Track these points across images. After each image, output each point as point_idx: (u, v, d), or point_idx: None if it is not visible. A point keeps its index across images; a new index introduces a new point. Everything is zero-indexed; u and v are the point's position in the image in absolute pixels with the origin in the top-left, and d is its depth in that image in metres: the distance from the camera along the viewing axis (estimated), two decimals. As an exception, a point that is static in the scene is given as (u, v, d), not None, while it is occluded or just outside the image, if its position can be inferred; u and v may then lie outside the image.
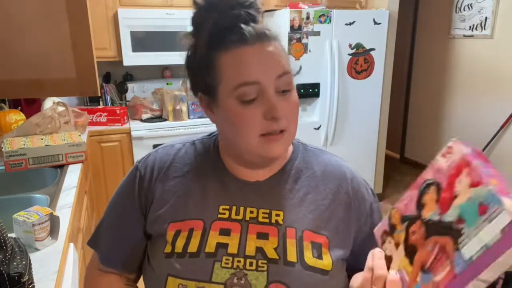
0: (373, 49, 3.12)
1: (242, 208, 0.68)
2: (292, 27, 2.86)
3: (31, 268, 0.88)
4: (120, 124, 2.83)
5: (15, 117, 2.14)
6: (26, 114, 2.23)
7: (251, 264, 0.63)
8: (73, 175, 1.71)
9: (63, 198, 1.47)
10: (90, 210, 2.18)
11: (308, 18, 2.88)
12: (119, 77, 3.26)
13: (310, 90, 3.07)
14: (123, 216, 0.74)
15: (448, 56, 3.92)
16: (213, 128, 0.76)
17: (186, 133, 2.93)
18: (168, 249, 0.65)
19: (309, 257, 0.64)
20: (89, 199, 2.22)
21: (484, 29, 3.49)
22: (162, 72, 3.36)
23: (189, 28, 0.66)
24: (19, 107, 2.35)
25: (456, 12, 3.77)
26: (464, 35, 3.71)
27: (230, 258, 0.63)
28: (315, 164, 0.73)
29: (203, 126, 2.96)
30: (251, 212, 0.67)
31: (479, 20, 3.54)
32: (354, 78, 3.13)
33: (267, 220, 0.66)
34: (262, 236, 0.65)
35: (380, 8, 3.18)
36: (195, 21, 0.64)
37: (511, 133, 3.38)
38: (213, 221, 0.66)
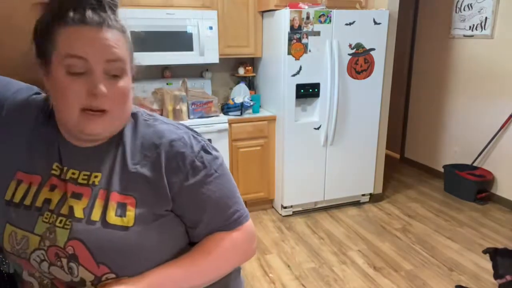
0: (373, 49, 3.13)
1: (69, 169, 0.74)
2: (292, 27, 2.86)
3: (31, 268, 0.87)
4: (120, 124, 2.82)
5: (15, 117, 2.14)
6: (26, 114, 2.22)
7: (61, 221, 0.71)
8: (73, 175, 1.71)
9: (63, 198, 1.46)
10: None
11: (308, 18, 2.88)
12: (119, 77, 3.26)
13: (310, 90, 3.07)
14: None
15: (448, 56, 3.92)
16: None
17: (186, 133, 2.92)
18: (7, 197, 0.73)
19: (111, 216, 0.71)
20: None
21: (484, 29, 3.49)
22: (162, 72, 3.36)
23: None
24: (19, 107, 2.34)
25: (456, 12, 3.77)
26: (464, 35, 3.71)
27: (49, 214, 0.72)
28: (142, 133, 0.78)
29: (203, 126, 2.96)
30: (73, 173, 0.74)
31: (479, 20, 3.54)
32: (354, 78, 3.13)
33: (85, 182, 0.73)
34: (76, 196, 0.72)
35: (380, 8, 3.18)
36: None
37: (511, 133, 3.38)
38: (49, 177, 0.74)
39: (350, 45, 3.05)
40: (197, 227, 0.79)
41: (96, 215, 0.71)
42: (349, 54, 3.07)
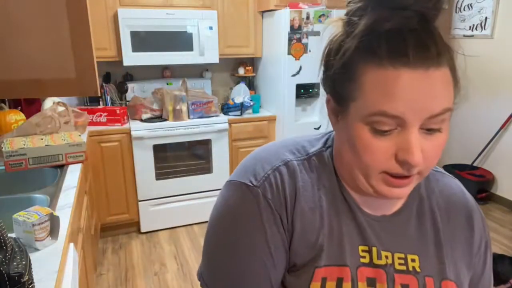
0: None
1: (375, 250, 0.57)
2: (292, 27, 2.86)
3: (31, 268, 0.88)
4: (120, 124, 2.83)
5: (15, 117, 2.14)
6: (26, 114, 2.23)
7: None
8: (73, 175, 1.71)
9: (63, 198, 1.47)
10: (90, 210, 2.18)
11: (308, 18, 2.88)
12: (119, 77, 3.26)
13: (310, 90, 3.07)
14: (268, 260, 0.56)
15: (448, 56, 3.92)
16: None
17: (186, 133, 2.93)
18: None
19: None
20: (89, 199, 2.22)
21: (484, 29, 3.49)
22: (162, 72, 3.36)
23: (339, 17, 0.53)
24: (19, 107, 2.35)
25: (456, 12, 3.77)
26: (464, 35, 3.71)
27: None
28: (438, 192, 0.62)
29: (203, 126, 2.96)
30: (386, 257, 0.57)
31: (479, 20, 3.54)
32: (354, 78, 3.13)
33: (404, 268, 0.57)
34: None
35: (380, 8, 3.18)
36: (352, 12, 0.50)
37: (511, 133, 3.38)
38: (358, 267, 0.56)
39: (350, 45, 3.05)
40: None
41: None
42: (349, 54, 3.06)
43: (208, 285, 0.58)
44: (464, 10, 3.68)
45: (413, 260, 0.57)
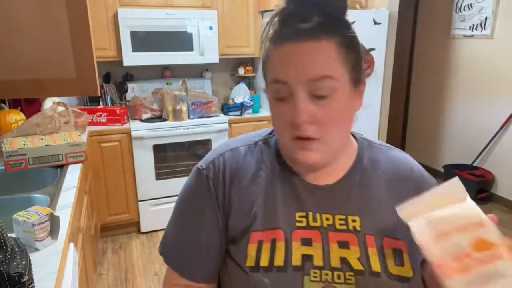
0: (373, 49, 3.12)
1: (318, 215, 0.65)
2: (292, 27, 2.86)
3: (31, 268, 0.88)
4: (120, 124, 2.83)
5: (15, 117, 2.14)
6: (26, 114, 2.23)
7: (339, 276, 0.61)
8: (73, 175, 1.71)
9: (63, 198, 1.47)
10: (90, 210, 2.18)
11: (308, 18, 2.88)
12: (119, 77, 3.26)
13: (310, 90, 3.07)
14: (199, 224, 0.68)
15: (448, 56, 3.92)
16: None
17: (186, 133, 2.93)
18: (250, 262, 0.62)
19: (392, 265, 0.62)
20: (89, 199, 2.22)
21: (484, 29, 3.49)
22: (162, 72, 3.36)
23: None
24: (19, 107, 2.35)
25: (456, 12, 3.77)
26: (464, 35, 3.71)
27: (318, 271, 0.61)
28: (383, 163, 0.70)
29: (203, 126, 2.96)
30: (327, 219, 0.64)
31: (479, 20, 3.54)
32: (354, 78, 3.13)
33: (344, 227, 0.64)
34: (343, 245, 0.63)
35: (380, 8, 3.18)
36: (270, 19, 0.63)
37: (511, 133, 3.38)
38: (293, 230, 0.64)
39: (350, 45, 3.05)
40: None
41: (376, 265, 0.61)
42: (349, 54, 3.06)
43: (166, 250, 0.72)
44: (464, 10, 3.68)
45: (354, 221, 0.64)
